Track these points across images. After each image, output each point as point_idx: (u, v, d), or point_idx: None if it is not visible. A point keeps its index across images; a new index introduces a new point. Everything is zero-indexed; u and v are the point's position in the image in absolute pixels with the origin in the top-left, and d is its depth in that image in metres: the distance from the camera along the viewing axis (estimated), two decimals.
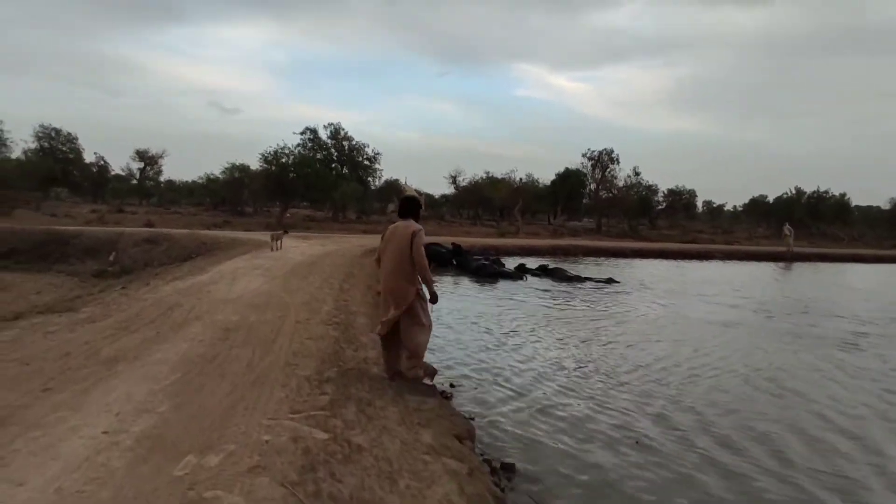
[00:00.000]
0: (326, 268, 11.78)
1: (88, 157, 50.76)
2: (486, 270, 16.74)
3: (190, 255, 16.44)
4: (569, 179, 42.31)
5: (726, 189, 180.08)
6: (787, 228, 29.45)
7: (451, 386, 5.80)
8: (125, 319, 6.27)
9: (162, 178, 55.93)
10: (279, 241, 16.05)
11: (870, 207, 64.75)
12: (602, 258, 23.88)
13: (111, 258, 18.26)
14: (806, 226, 50.19)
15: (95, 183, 52.04)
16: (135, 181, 51.89)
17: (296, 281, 9.64)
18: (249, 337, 5.68)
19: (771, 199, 60.59)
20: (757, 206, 63.09)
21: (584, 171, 44.72)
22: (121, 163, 54.48)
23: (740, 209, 71.30)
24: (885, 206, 57.89)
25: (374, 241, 20.89)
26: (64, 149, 46.26)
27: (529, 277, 16.66)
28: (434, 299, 4.72)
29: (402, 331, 4.63)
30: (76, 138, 47.03)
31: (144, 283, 9.36)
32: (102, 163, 53.00)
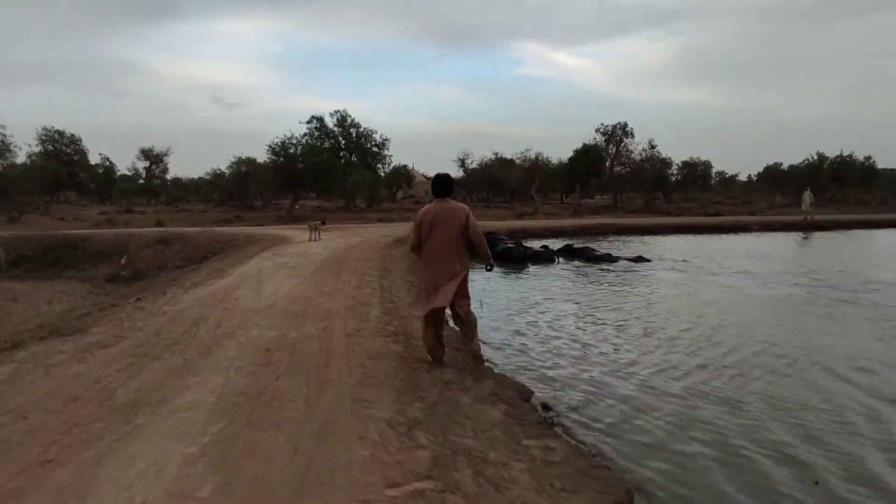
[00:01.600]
0: (357, 263, 10.71)
1: (94, 159, 50.08)
2: (511, 254, 15.42)
3: (205, 254, 15.46)
4: (587, 155, 40.71)
5: (737, 159, 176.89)
6: (807, 195, 27.85)
7: (546, 408, 4.69)
8: (143, 342, 5.23)
9: (168, 176, 55.18)
10: (318, 232, 15.37)
11: (885, 170, 62.18)
12: (633, 236, 22.62)
13: (123, 261, 17.36)
14: (829, 191, 48.39)
15: (102, 184, 51.36)
16: (142, 181, 51.07)
17: (329, 280, 8.58)
18: (296, 360, 4.61)
19: (786, 166, 58.60)
20: (772, 175, 61.05)
21: (600, 146, 43.16)
22: (126, 163, 53.74)
23: (754, 178, 69.36)
24: None
25: (395, 230, 19.86)
26: (68, 151, 45.51)
27: (557, 259, 15.54)
28: (491, 266, 4.97)
29: (457, 303, 4.68)
30: (80, 140, 46.26)
31: (161, 291, 8.32)
32: (108, 163, 52.36)
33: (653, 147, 43.63)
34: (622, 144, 43.60)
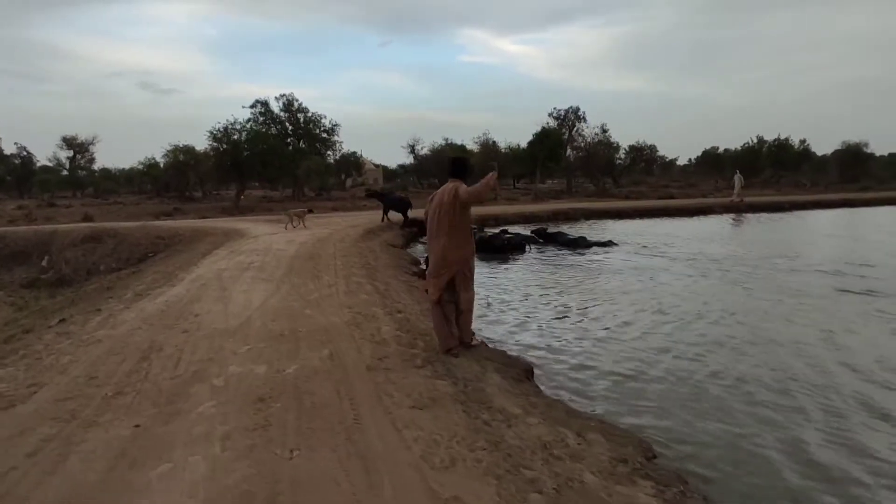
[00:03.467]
0: (335, 260, 9.14)
1: (8, 149, 45.12)
2: (494, 243, 14.19)
3: (146, 253, 13.39)
4: (547, 139, 40.02)
5: (673, 143, 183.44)
6: (737, 178, 28.10)
7: (651, 458, 3.46)
8: (69, 392, 3.61)
9: (96, 167, 50.47)
10: (302, 220, 14.90)
11: (813, 153, 64.90)
12: (603, 219, 21.98)
13: (44, 263, 14.98)
14: (765, 174, 50.15)
15: (19, 177, 46.29)
16: (65, 172, 46.39)
17: (310, 284, 7.02)
18: (307, 417, 3.14)
19: (722, 150, 60.53)
20: (709, 159, 62.83)
21: (556, 130, 42.72)
22: (47, 153, 48.73)
23: (693, 162, 71.35)
24: (826, 151, 58.61)
25: (359, 219, 18.21)
26: None
27: (529, 247, 14.54)
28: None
29: (460, 298, 4.50)
30: None
31: (94, 307, 6.51)
32: (25, 153, 47.18)
33: (604, 131, 43.73)
34: (575, 129, 43.45)
